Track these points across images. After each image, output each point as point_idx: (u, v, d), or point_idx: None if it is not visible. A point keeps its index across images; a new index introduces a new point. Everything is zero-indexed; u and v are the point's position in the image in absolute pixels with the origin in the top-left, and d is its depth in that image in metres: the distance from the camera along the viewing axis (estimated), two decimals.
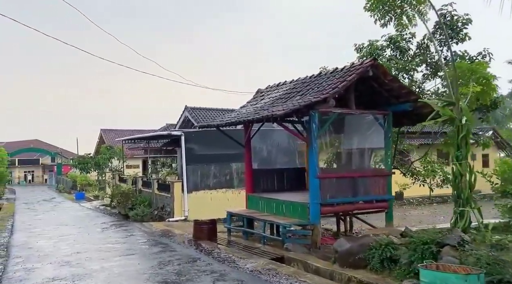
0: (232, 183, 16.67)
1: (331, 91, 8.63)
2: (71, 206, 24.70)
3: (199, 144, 16.16)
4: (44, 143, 64.76)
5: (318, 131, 9.02)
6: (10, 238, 12.04)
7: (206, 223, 11.27)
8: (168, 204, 16.35)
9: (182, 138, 15.74)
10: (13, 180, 61.00)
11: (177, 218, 15.56)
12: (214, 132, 17.74)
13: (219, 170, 16.49)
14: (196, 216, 15.89)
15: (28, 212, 21.48)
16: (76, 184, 37.96)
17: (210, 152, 16.34)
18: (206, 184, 16.25)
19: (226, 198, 16.47)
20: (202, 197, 16.09)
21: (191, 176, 15.96)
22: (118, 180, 24.23)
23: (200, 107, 23.62)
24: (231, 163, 16.68)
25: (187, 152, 15.82)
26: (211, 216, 16.41)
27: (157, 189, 17.69)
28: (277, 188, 12.42)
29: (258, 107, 11.06)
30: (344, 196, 9.38)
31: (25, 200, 30.31)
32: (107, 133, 45.62)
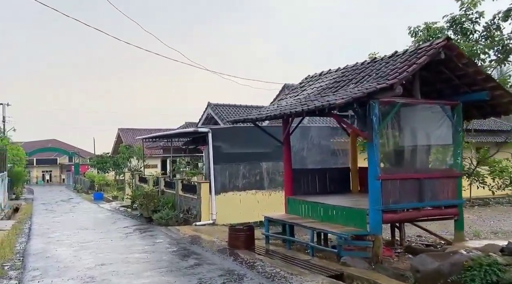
0: (262, 184, 15.38)
1: (399, 76, 7.26)
2: (89, 207, 23.78)
3: (227, 142, 14.91)
4: (62, 142, 64.68)
5: (379, 124, 7.66)
6: (27, 245, 10.99)
7: (243, 229, 10.00)
8: (194, 207, 15.16)
9: (209, 135, 14.51)
10: (31, 180, 61.03)
11: (205, 222, 14.34)
12: (243, 129, 16.50)
13: (249, 170, 15.22)
14: (225, 219, 14.68)
15: (46, 213, 20.60)
16: (94, 184, 37.23)
17: (239, 150, 15.08)
18: (235, 185, 14.99)
19: (256, 200, 15.21)
20: (230, 199, 14.85)
21: (218, 176, 14.73)
22: (138, 180, 23.20)
23: (224, 104, 22.44)
24: (261, 163, 15.40)
25: (215, 150, 14.59)
26: (241, 219, 15.18)
27: (182, 190, 16.51)
28: (318, 191, 11.08)
29: (301, 99, 9.74)
30: (409, 201, 8.00)
31: (43, 201, 29.61)
32: (124, 133, 44.91)
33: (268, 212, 15.59)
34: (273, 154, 15.51)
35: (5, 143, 31.16)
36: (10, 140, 42.46)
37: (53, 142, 63.76)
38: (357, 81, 8.50)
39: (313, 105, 7.71)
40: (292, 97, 10.67)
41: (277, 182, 15.55)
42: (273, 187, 15.50)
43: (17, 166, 33.35)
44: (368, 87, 7.40)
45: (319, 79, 10.62)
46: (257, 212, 15.17)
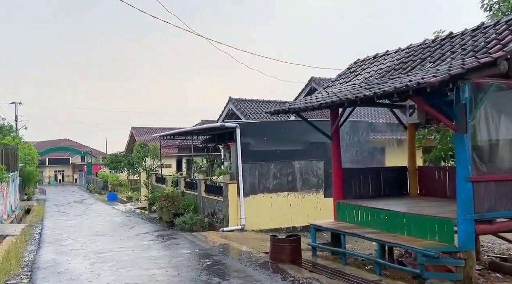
0: (294, 185, 13.80)
1: (506, 48, 5.63)
2: (104, 209, 22.44)
3: (256, 138, 13.37)
4: (74, 142, 63.84)
5: (470, 111, 6.04)
6: (36, 255, 9.57)
7: (288, 240, 8.40)
8: (219, 210, 13.65)
9: (237, 130, 12.97)
10: (44, 180, 60.23)
11: (233, 227, 12.81)
12: (273, 124, 14.90)
13: (280, 169, 13.64)
14: (254, 225, 13.14)
15: (58, 216, 19.30)
16: (107, 184, 36.01)
17: (269, 147, 13.53)
18: (265, 186, 13.43)
19: (288, 204, 13.65)
20: (260, 202, 13.31)
21: (247, 176, 13.18)
22: (155, 180, 21.79)
23: (246, 99, 20.92)
24: (294, 161, 13.81)
25: (243, 147, 13.05)
26: (272, 225, 13.62)
27: (205, 192, 15.02)
28: (372, 194, 9.46)
29: (357, 84, 8.15)
30: (506, 208, 6.36)
31: (55, 202, 28.43)
32: (138, 131, 43.72)
33: (302, 217, 14.04)
34: (306, 152, 13.96)
35: (17, 142, 30.06)
36: (22, 140, 41.62)
37: (66, 141, 62.94)
38: (435, 59, 6.89)
39: (391, 86, 6.09)
40: (343, 84, 9.08)
41: (310, 183, 13.97)
42: (307, 188, 13.92)
43: (29, 166, 32.23)
44: (464, 62, 5.76)
45: (375, 62, 9.01)
46: (289, 216, 13.65)
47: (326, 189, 14.14)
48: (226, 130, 14.76)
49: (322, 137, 14.35)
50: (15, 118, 46.07)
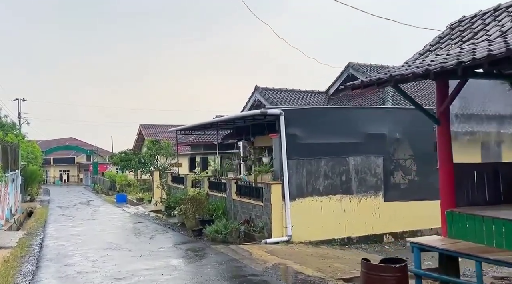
0: (349, 186, 11.25)
1: None
2: (113, 212, 19.96)
3: (304, 129, 10.83)
4: (80, 141, 61.48)
5: None
6: (32, 280, 7.09)
7: (389, 268, 5.80)
8: (258, 216, 11.12)
9: (282, 119, 10.44)
10: (48, 180, 57.91)
11: (277, 238, 10.28)
12: (324, 112, 12.21)
13: (332, 167, 11.10)
14: (303, 235, 10.58)
15: (63, 220, 16.84)
16: (114, 185, 33.55)
17: (319, 140, 11.00)
18: (315, 187, 10.89)
19: (342, 209, 11.10)
20: (309, 207, 10.77)
21: (293, 175, 10.65)
22: (171, 180, 19.29)
23: (274, 88, 18.39)
24: (348, 157, 11.27)
25: (289, 140, 10.52)
26: (323, 235, 11.01)
27: (237, 194, 12.52)
28: (488, 199, 6.90)
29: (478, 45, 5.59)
30: None
31: (60, 203, 26.01)
32: (147, 129, 41.31)
33: (358, 225, 11.46)
34: (362, 146, 11.43)
35: (19, 139, 27.66)
36: (25, 138, 39.26)
37: (71, 140, 60.51)
38: None
39: None
40: (455, 48, 6.51)
41: (368, 184, 11.43)
42: (363, 190, 11.37)
43: (31, 165, 29.81)
44: None
45: (499, 17, 6.43)
46: (343, 224, 11.10)
47: (386, 191, 11.62)
48: (262, 121, 12.27)
49: (380, 128, 11.87)
50: (18, 115, 43.79)
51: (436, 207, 11.96)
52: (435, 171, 12.29)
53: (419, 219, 11.81)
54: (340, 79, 18.29)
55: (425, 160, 12.13)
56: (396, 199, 11.63)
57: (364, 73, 17.08)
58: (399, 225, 11.57)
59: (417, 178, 11.95)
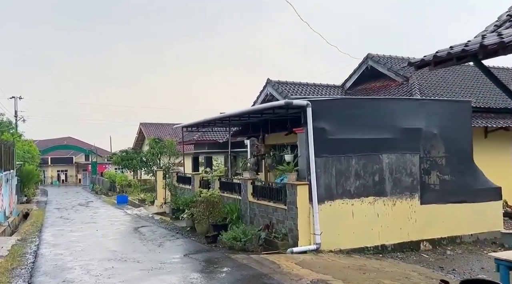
0: (383, 187, 9.99)
1: None
2: (115, 214, 18.66)
3: (333, 122, 9.56)
4: (78, 140, 60.09)
5: None
6: None
7: None
8: (280, 221, 9.85)
9: (309, 111, 9.16)
10: (46, 180, 56.46)
11: (305, 247, 9.00)
12: (354, 103, 10.75)
13: (364, 165, 9.84)
14: (332, 243, 9.27)
15: (61, 224, 15.54)
16: (114, 185, 32.22)
17: (349, 135, 9.73)
18: (345, 189, 9.63)
19: (374, 213, 9.84)
20: (339, 211, 9.50)
21: (322, 175, 9.38)
22: (176, 180, 18.00)
23: (287, 81, 17.14)
24: (381, 155, 10.01)
25: (316, 135, 9.26)
26: (354, 243, 9.56)
27: (253, 196, 11.26)
28: None
29: None
30: None
31: (58, 204, 24.67)
32: (147, 127, 40.00)
33: (392, 231, 10.10)
34: (396, 142, 10.18)
35: (15, 137, 26.32)
36: (22, 136, 37.87)
37: (69, 140, 59.12)
38: None
39: None
40: None
41: (403, 185, 10.17)
42: (398, 192, 10.11)
43: (28, 164, 28.45)
44: None
45: None
46: (376, 231, 9.82)
47: (423, 192, 10.37)
48: (284, 114, 11.01)
49: (416, 122, 10.58)
50: (14, 113, 42.37)
51: (476, 210, 10.82)
52: (474, 171, 11.11)
53: (458, 224, 10.61)
54: (358, 71, 17.07)
55: (464, 158, 10.94)
56: (433, 202, 10.39)
57: (385, 65, 15.88)
58: (436, 230, 10.34)
59: (455, 178, 10.72)
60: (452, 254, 9.77)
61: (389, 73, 15.65)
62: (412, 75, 14.99)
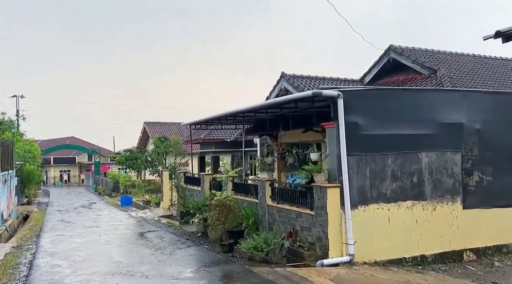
0: (422, 190, 8.79)
1: None
2: (119, 217, 17.56)
3: (366, 116, 8.37)
4: (81, 140, 59.08)
5: None
6: None
7: None
8: (306, 229, 8.68)
9: (340, 102, 7.99)
10: (49, 180, 55.53)
11: (337, 258, 7.83)
12: (390, 93, 9.39)
13: (401, 165, 8.65)
14: (367, 253, 8.07)
15: (62, 228, 14.46)
16: (118, 185, 31.17)
17: (384, 131, 8.55)
18: (380, 191, 8.45)
19: (413, 219, 8.65)
20: (373, 217, 8.31)
21: (354, 176, 8.21)
22: (183, 181, 16.86)
23: (303, 75, 15.97)
24: (420, 153, 8.82)
25: (349, 130, 8.08)
26: (391, 253, 8.21)
27: (272, 199, 10.11)
28: None
29: None
30: None
31: (59, 206, 23.62)
32: (151, 127, 38.84)
33: (433, 239, 8.62)
34: (436, 139, 9.00)
35: (14, 135, 25.26)
36: (24, 136, 36.87)
37: (72, 139, 58.09)
38: None
39: None
40: None
41: (443, 187, 8.98)
42: (438, 195, 8.92)
43: (29, 164, 27.42)
44: None
45: None
46: (415, 239, 8.62)
47: (465, 195, 9.17)
48: (300, 111, 9.85)
49: (457, 116, 9.35)
50: (16, 112, 41.42)
51: None
52: None
53: (505, 230, 9.41)
54: (379, 64, 15.86)
55: (510, 156, 9.72)
56: (477, 206, 9.20)
57: (409, 57, 14.68)
58: (481, 238, 9.14)
59: (501, 179, 9.52)
60: (502, 266, 8.59)
61: (413, 66, 14.46)
62: (440, 67, 13.80)
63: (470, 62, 15.51)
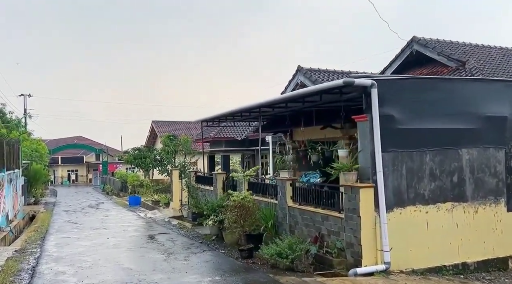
0: (463, 191, 7.91)
1: None
2: (127, 218, 16.84)
3: (402, 108, 7.52)
4: (88, 139, 58.65)
5: None
6: None
7: None
8: (334, 233, 7.84)
9: (374, 92, 7.13)
10: (56, 180, 55.17)
11: (371, 267, 6.99)
12: (428, 83, 8.54)
13: (440, 163, 7.78)
14: (404, 261, 7.16)
15: (68, 229, 13.76)
16: (126, 185, 30.48)
17: (422, 124, 7.68)
18: (418, 192, 7.58)
19: (453, 223, 7.77)
20: (411, 221, 7.45)
21: (390, 175, 7.37)
22: (195, 180, 16.09)
23: (320, 69, 15.13)
24: (460, 150, 7.94)
25: (383, 123, 7.24)
26: (430, 261, 7.17)
27: (293, 200, 9.29)
28: None
29: None
30: None
31: (67, 206, 22.99)
32: (159, 125, 38.22)
33: (475, 245, 7.60)
34: (477, 134, 8.10)
35: (20, 134, 24.70)
36: (31, 135, 36.42)
37: (79, 139, 57.69)
38: None
39: None
40: None
41: (486, 188, 8.09)
42: (480, 196, 8.03)
43: (35, 164, 26.85)
44: None
45: None
46: (455, 245, 7.75)
47: (510, 197, 8.26)
48: (320, 105, 9.00)
49: (500, 109, 8.52)
50: (24, 111, 40.97)
51: None
52: None
53: None
54: (401, 57, 14.96)
55: None
56: None
57: (434, 49, 13.76)
58: None
59: None
60: None
61: (439, 58, 13.54)
62: (469, 59, 12.88)
63: (498, 54, 14.55)
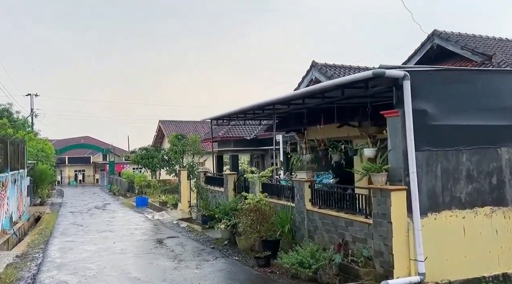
0: (502, 194, 7.15)
1: None
2: (134, 220, 16.23)
3: (437, 103, 6.79)
4: (95, 139, 58.36)
5: None
6: None
7: None
8: (360, 240, 7.12)
9: (407, 85, 6.41)
10: (63, 180, 54.92)
11: (404, 279, 6.26)
12: (466, 75, 7.59)
13: (477, 163, 7.04)
14: (439, 271, 6.42)
15: (73, 232, 13.16)
16: (133, 185, 29.94)
17: (458, 121, 6.94)
18: (453, 195, 6.85)
19: (493, 230, 7.02)
20: (446, 227, 6.71)
21: (423, 176, 6.64)
22: (204, 181, 15.44)
23: (335, 64, 14.39)
24: (499, 148, 7.20)
25: (416, 119, 6.52)
26: (467, 271, 6.36)
27: (312, 203, 8.58)
28: None
29: None
30: None
31: (73, 207, 22.47)
32: (166, 125, 37.67)
33: None
34: None
35: (25, 133, 24.24)
36: (38, 135, 36.05)
37: (86, 139, 57.41)
38: None
39: None
40: None
41: None
42: None
43: (42, 164, 26.40)
44: None
45: None
46: (495, 253, 6.99)
47: None
48: (337, 101, 8.28)
49: None
50: (30, 111, 40.64)
51: None
52: None
53: None
54: (420, 52, 14.14)
55: None
56: None
57: (457, 42, 12.95)
58: None
59: None
60: None
61: (463, 52, 12.72)
62: (496, 53, 12.06)
63: None
